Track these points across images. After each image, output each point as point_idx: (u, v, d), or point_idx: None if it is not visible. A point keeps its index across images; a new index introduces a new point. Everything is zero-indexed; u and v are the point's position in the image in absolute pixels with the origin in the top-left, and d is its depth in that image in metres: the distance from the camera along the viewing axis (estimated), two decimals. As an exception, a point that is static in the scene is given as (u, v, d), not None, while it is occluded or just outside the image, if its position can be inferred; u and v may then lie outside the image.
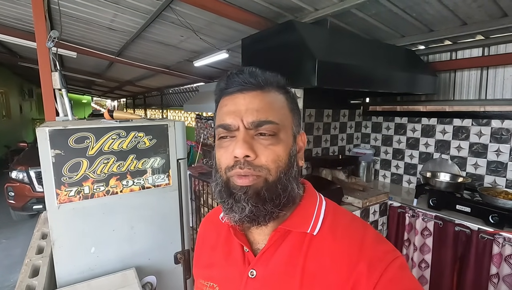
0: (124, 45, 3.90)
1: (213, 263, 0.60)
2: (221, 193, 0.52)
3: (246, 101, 0.50)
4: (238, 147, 0.48)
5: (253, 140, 0.49)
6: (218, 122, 0.52)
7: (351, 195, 2.24)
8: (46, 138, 1.01)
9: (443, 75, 2.52)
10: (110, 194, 1.17)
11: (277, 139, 0.50)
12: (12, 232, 3.92)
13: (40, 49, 1.59)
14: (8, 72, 8.20)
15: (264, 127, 0.49)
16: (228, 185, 0.50)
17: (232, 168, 0.49)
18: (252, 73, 0.52)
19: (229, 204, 0.50)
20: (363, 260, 0.46)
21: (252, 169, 0.48)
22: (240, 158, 0.48)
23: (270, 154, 0.49)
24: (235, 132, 0.50)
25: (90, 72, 7.15)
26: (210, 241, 0.64)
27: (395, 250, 0.49)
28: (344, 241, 0.50)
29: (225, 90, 0.53)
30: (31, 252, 1.32)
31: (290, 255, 0.51)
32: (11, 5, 2.93)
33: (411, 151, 2.72)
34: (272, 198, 0.49)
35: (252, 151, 0.48)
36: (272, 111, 0.51)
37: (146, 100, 12.46)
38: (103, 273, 1.17)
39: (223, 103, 0.53)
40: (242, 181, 0.48)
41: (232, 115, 0.50)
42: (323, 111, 2.78)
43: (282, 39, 1.86)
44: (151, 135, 1.23)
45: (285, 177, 0.50)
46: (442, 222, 2.02)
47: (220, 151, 0.51)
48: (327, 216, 0.54)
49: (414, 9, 1.99)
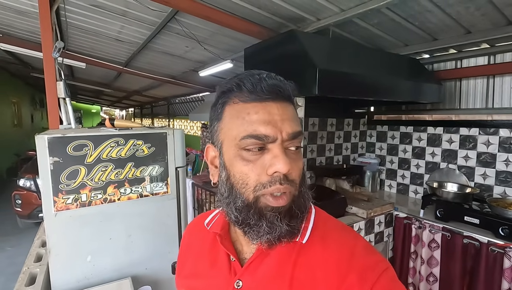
0: (131, 55, 3.98)
1: (197, 273, 0.58)
2: (246, 213, 0.46)
3: (279, 111, 0.46)
4: (282, 163, 0.43)
5: (286, 154, 0.46)
6: (246, 132, 0.45)
7: (356, 205, 2.19)
8: (45, 146, 1.02)
9: (448, 83, 2.49)
10: (108, 202, 1.17)
11: (300, 152, 0.50)
12: (18, 240, 3.95)
13: (46, 59, 1.62)
14: (21, 82, 8.45)
15: (298, 139, 0.47)
16: (257, 204, 0.46)
17: (269, 185, 0.44)
18: (283, 82, 0.49)
19: (261, 226, 0.45)
20: (354, 271, 0.45)
21: (289, 184, 0.45)
22: (284, 173, 0.44)
23: (297, 168, 0.47)
24: (269, 144, 0.45)
25: (99, 82, 7.32)
26: (195, 249, 0.62)
27: (385, 260, 0.48)
28: (334, 251, 0.48)
29: (252, 95, 0.46)
30: (29, 259, 1.32)
31: (279, 265, 0.49)
32: (25, 19, 3.05)
33: (417, 160, 2.67)
34: (300, 213, 0.47)
35: (290, 166, 0.45)
36: (298, 122, 0.49)
37: (153, 110, 12.64)
38: (99, 282, 1.16)
39: (251, 109, 0.46)
40: (278, 202, 0.45)
41: (269, 125, 0.45)
42: (327, 120, 2.77)
43: (284, 49, 1.87)
44: (149, 143, 1.24)
45: (304, 189, 0.49)
46: (450, 234, 1.95)
47: (247, 164, 0.45)
48: (316, 225, 0.52)
49: (417, 18, 1.99)
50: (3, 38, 3.79)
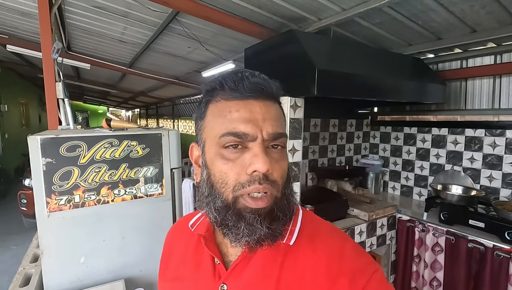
0: (135, 56, 4.01)
1: (181, 276, 0.56)
2: (224, 214, 0.45)
3: (262, 110, 0.46)
4: (260, 161, 0.42)
5: (267, 154, 0.45)
6: (226, 130, 0.45)
7: (357, 207, 2.16)
8: (38, 147, 1.02)
9: (453, 84, 2.43)
10: (101, 203, 1.16)
11: (284, 153, 0.48)
12: (23, 239, 4.00)
13: (46, 60, 1.63)
14: (29, 84, 8.58)
15: (280, 140, 0.47)
16: (236, 205, 0.45)
17: (248, 184, 0.43)
18: (267, 80, 0.48)
19: (239, 228, 0.44)
20: (344, 275, 0.45)
21: (269, 184, 0.44)
22: (262, 172, 0.43)
23: (280, 169, 0.46)
24: (250, 143, 0.44)
25: (105, 83, 7.40)
26: (178, 252, 0.60)
27: (374, 262, 0.48)
28: (322, 253, 0.47)
29: (234, 93, 0.46)
30: (25, 260, 1.32)
31: (264, 267, 0.48)
32: (30, 21, 3.09)
33: (421, 162, 2.62)
34: (283, 216, 0.46)
35: (271, 166, 0.44)
36: (282, 123, 0.49)
37: (158, 111, 12.72)
38: (92, 283, 1.15)
39: (232, 107, 0.45)
40: (258, 204, 0.44)
41: (249, 123, 0.44)
42: (329, 121, 2.73)
43: (283, 49, 1.85)
44: (144, 144, 1.23)
45: (288, 191, 0.48)
46: (454, 238, 1.90)
47: (227, 163, 0.45)
48: (304, 226, 0.51)
49: (420, 17, 1.94)
50: (10, 40, 3.85)
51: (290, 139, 1.64)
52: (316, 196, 2.15)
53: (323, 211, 1.94)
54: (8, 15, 3.07)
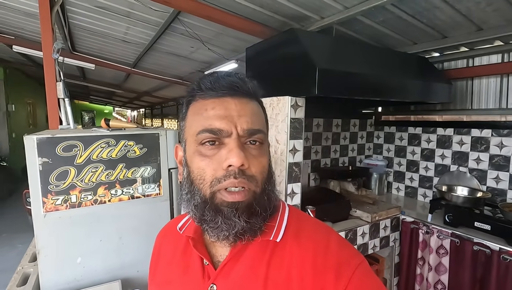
0: (139, 56, 4.03)
1: (170, 279, 0.56)
2: (203, 210, 0.46)
3: (237, 107, 0.47)
4: (235, 155, 0.43)
5: (244, 149, 0.46)
6: (203, 127, 0.46)
7: (360, 208, 2.12)
8: (34, 147, 1.02)
9: (459, 83, 2.38)
10: (98, 203, 1.16)
11: (263, 149, 0.49)
12: (28, 237, 4.03)
13: (46, 60, 1.64)
14: (36, 84, 8.70)
15: (257, 136, 0.48)
16: (213, 200, 0.46)
17: (224, 179, 0.44)
18: (242, 79, 0.49)
19: (217, 222, 0.45)
20: (329, 269, 0.45)
21: (246, 179, 0.45)
22: (237, 167, 0.44)
23: (258, 165, 0.47)
24: (225, 139, 0.46)
25: (110, 83, 7.46)
26: (167, 255, 0.60)
27: (359, 254, 0.48)
28: (308, 247, 0.48)
29: (210, 92, 0.47)
30: (24, 259, 1.33)
31: (252, 265, 0.48)
32: (34, 21, 3.12)
33: (426, 162, 2.57)
34: (261, 211, 0.47)
35: (246, 160, 0.45)
36: (260, 120, 0.50)
37: (163, 110, 12.79)
38: (89, 284, 1.15)
39: (208, 105, 0.47)
40: (234, 197, 0.45)
41: (224, 120, 0.45)
42: (332, 121, 2.70)
43: (284, 48, 1.83)
44: (141, 144, 1.22)
45: (269, 187, 0.49)
46: (459, 240, 1.86)
47: (204, 159, 0.46)
48: (290, 223, 0.52)
49: (424, 15, 1.91)
50: (16, 41, 3.90)
51: (291, 140, 1.62)
52: (318, 197, 2.13)
53: (325, 211, 1.91)
54: (14, 16, 3.11)
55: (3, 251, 3.74)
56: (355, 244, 1.93)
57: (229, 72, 0.50)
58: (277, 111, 1.67)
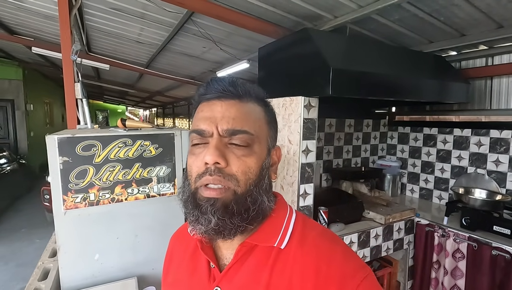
0: (152, 57, 4.08)
1: (179, 280, 0.58)
2: (187, 203, 0.49)
3: (223, 109, 0.49)
4: (209, 153, 0.46)
5: (226, 149, 0.47)
6: (192, 128, 0.51)
7: (373, 210, 2.09)
8: (55, 146, 1.05)
9: (477, 82, 2.32)
10: (115, 202, 1.19)
11: (250, 150, 0.49)
12: (46, 233, 4.17)
13: (65, 61, 1.69)
14: (53, 84, 8.96)
15: (238, 137, 0.48)
16: (195, 195, 0.48)
17: (202, 175, 0.47)
18: (232, 82, 0.51)
19: (195, 216, 0.47)
20: (332, 280, 0.44)
21: (222, 176, 0.46)
22: (211, 164, 0.46)
23: (241, 165, 0.48)
24: (209, 138, 0.48)
25: (123, 83, 7.60)
26: (178, 257, 0.62)
27: (365, 266, 0.47)
28: (312, 257, 0.47)
29: (203, 96, 0.52)
30: (45, 255, 1.37)
31: (255, 271, 0.49)
32: (52, 23, 3.21)
33: (442, 164, 2.51)
34: (241, 211, 0.47)
35: (223, 159, 0.46)
36: (248, 121, 0.50)
37: (174, 110, 12.93)
38: (106, 280, 1.18)
39: (199, 109, 0.52)
40: (209, 193, 0.46)
41: (207, 121, 0.48)
42: (345, 121, 2.67)
43: (296, 48, 1.82)
44: (157, 144, 1.24)
45: (255, 189, 0.49)
46: (476, 244, 1.81)
47: (191, 157, 0.49)
48: (296, 229, 0.52)
49: (442, 13, 1.86)
50: (35, 42, 4.02)
51: (304, 140, 1.61)
52: (330, 198, 2.11)
53: (338, 213, 1.90)
54: (34, 19, 3.21)
55: (22, 245, 3.87)
56: (368, 246, 1.90)
57: (223, 77, 0.52)
58: (290, 111, 1.66)
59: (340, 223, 1.86)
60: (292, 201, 1.68)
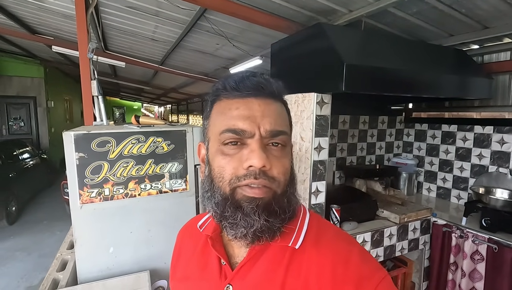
0: (166, 54, 4.14)
1: (188, 276, 0.57)
2: (223, 206, 0.46)
3: (261, 107, 0.46)
4: (256, 157, 0.43)
5: (266, 150, 0.45)
6: (226, 126, 0.46)
7: (388, 208, 2.05)
8: (71, 142, 1.09)
9: (501, 77, 2.21)
10: (129, 197, 1.21)
11: (286, 151, 0.48)
12: (66, 225, 4.31)
13: (82, 59, 1.73)
14: (72, 81, 9.24)
15: (279, 138, 0.47)
16: (234, 196, 0.45)
17: (243, 178, 0.44)
18: (267, 79, 0.49)
19: (236, 218, 0.45)
20: (350, 281, 0.43)
21: (267, 179, 0.45)
22: (257, 168, 0.44)
23: (281, 166, 0.47)
24: (248, 139, 0.45)
25: (139, 80, 7.75)
26: (187, 253, 0.61)
27: (382, 268, 0.46)
28: (328, 258, 0.46)
29: (234, 92, 0.47)
30: (63, 247, 1.42)
31: (270, 269, 0.48)
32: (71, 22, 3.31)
33: (461, 162, 2.42)
34: (281, 212, 0.46)
35: (268, 162, 0.45)
36: (283, 121, 0.49)
37: (188, 107, 13.08)
38: (120, 273, 1.21)
39: (232, 105, 0.47)
40: (255, 192, 0.44)
41: (247, 120, 0.45)
42: (359, 118, 2.62)
43: (310, 43, 1.79)
44: (169, 141, 1.26)
45: (290, 190, 0.48)
46: (497, 247, 1.74)
47: (225, 158, 0.46)
48: (310, 229, 0.51)
49: (463, 5, 1.78)
50: (54, 41, 4.16)
51: (316, 137, 1.59)
52: (343, 196, 2.08)
53: (351, 211, 1.87)
54: (54, 18, 3.31)
55: (44, 237, 4.04)
56: (381, 245, 1.87)
57: (254, 72, 0.50)
58: (302, 108, 1.64)
59: (353, 222, 1.83)
60: (304, 199, 1.66)
